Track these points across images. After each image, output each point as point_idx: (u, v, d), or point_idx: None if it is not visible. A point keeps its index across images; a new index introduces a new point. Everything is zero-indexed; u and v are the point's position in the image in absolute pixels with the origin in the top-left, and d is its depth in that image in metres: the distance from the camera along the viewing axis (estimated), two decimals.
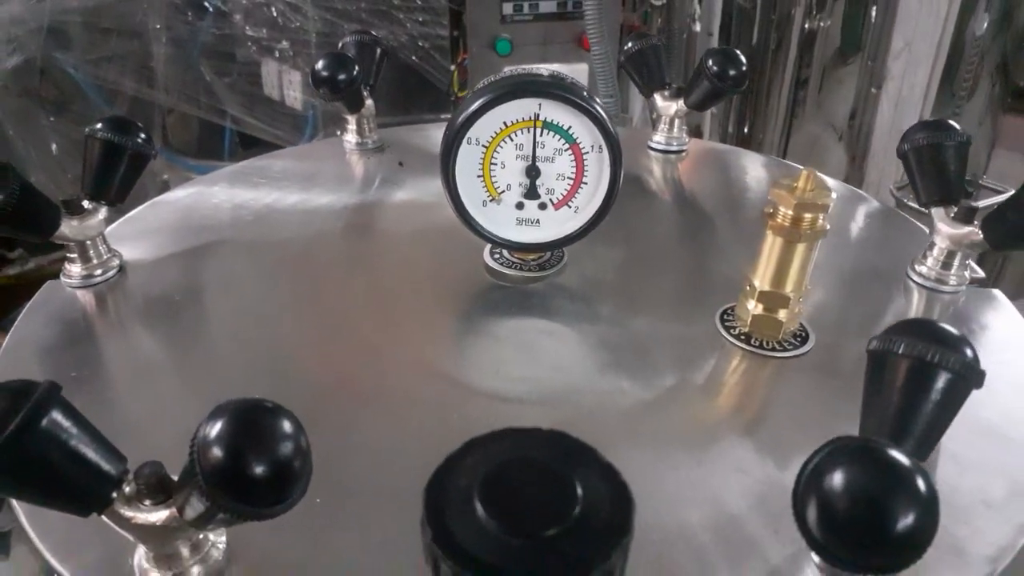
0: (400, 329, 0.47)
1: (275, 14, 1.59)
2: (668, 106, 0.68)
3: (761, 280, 0.42)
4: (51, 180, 1.73)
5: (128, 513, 0.29)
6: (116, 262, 0.51)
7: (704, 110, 0.69)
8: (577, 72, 1.29)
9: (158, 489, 0.29)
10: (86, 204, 0.50)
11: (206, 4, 1.56)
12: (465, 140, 0.45)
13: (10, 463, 0.26)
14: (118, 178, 0.50)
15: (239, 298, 0.50)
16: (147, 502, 0.29)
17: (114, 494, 0.28)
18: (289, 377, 0.43)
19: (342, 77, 0.62)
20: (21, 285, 2.32)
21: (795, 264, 0.41)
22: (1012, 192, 1.08)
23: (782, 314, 0.43)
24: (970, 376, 0.31)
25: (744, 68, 0.62)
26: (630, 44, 0.69)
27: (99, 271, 0.50)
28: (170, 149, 1.70)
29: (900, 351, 0.30)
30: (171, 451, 0.29)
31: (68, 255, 0.51)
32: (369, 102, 0.69)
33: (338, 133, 0.71)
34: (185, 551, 0.31)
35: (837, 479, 0.25)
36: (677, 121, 0.69)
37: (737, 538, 0.33)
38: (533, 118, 0.45)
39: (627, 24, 1.31)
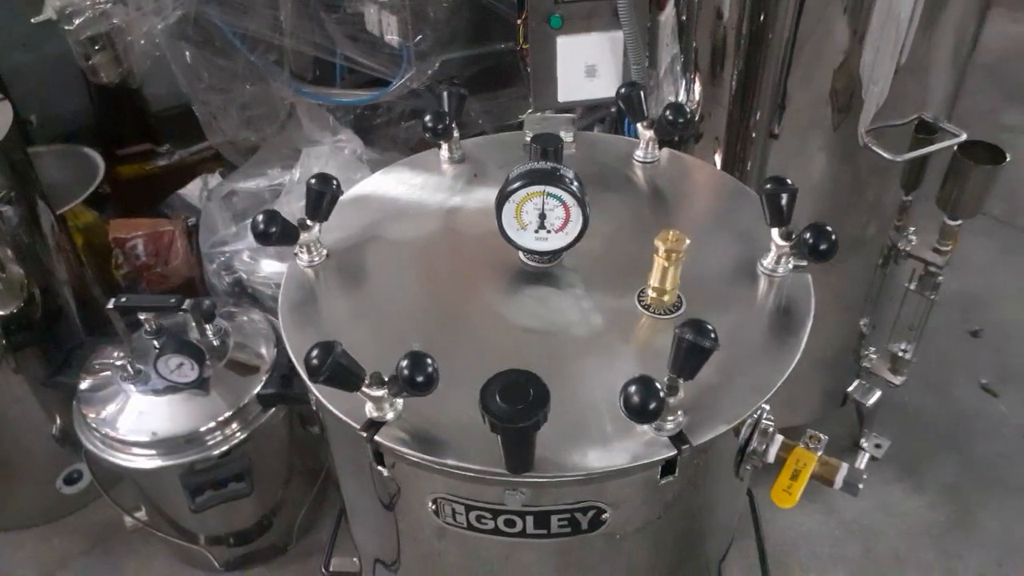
0: (476, 290, 0.90)
1: None
2: (645, 133, 1.06)
3: (654, 281, 0.83)
4: (199, 90, 2.16)
5: (367, 391, 0.74)
6: (325, 251, 0.95)
7: (666, 141, 1.07)
8: (614, 39, 1.63)
9: (379, 381, 0.74)
10: (308, 223, 0.93)
11: None
12: (507, 200, 0.86)
13: (334, 373, 0.71)
14: (323, 208, 0.93)
15: (390, 268, 0.94)
16: (374, 387, 0.74)
17: (364, 383, 0.73)
18: (417, 319, 0.87)
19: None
20: (169, 174, 2.84)
21: (669, 274, 0.82)
22: (964, 138, 1.44)
23: (665, 297, 0.84)
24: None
25: (688, 120, 1.00)
26: (623, 90, 1.06)
27: (316, 258, 0.94)
28: (294, 80, 2.11)
29: (681, 335, 0.72)
30: (372, 362, 0.73)
31: (298, 249, 0.94)
32: (456, 134, 1.08)
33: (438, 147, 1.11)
34: (387, 406, 0.76)
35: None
36: (651, 143, 1.07)
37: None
38: (544, 192, 0.85)
39: None
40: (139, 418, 1.71)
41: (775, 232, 0.89)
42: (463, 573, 1.01)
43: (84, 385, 1.78)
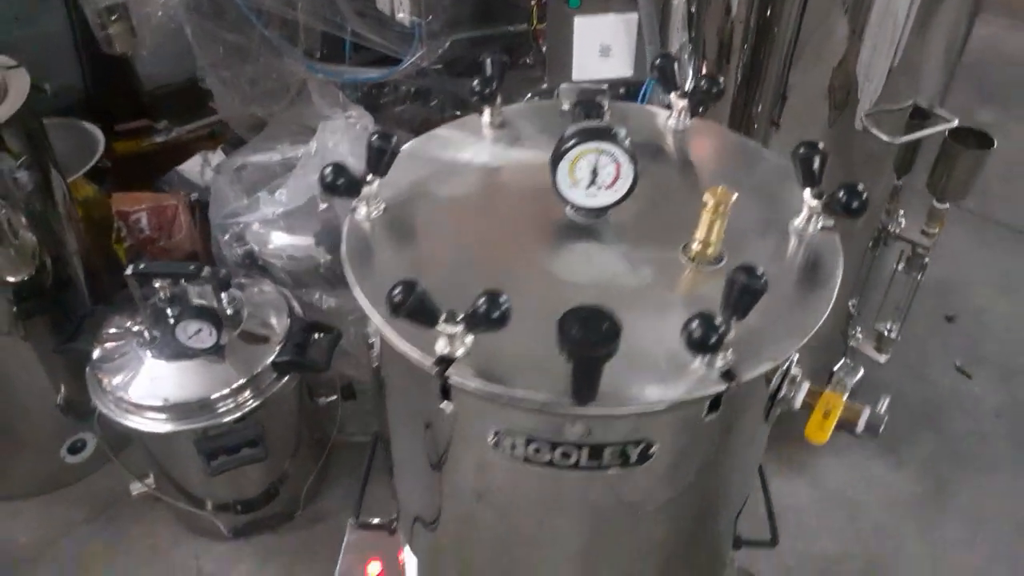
0: (526, 243, 0.96)
1: None
2: (678, 102, 1.13)
3: (700, 234, 0.90)
4: (211, 63, 2.19)
5: (442, 327, 0.79)
6: (383, 205, 1.00)
7: (697, 110, 1.13)
8: (629, 20, 1.70)
9: (454, 318, 0.79)
10: (369, 177, 0.98)
11: None
12: (564, 157, 0.92)
13: (415, 308, 0.76)
14: (384, 163, 0.98)
15: (442, 222, 0.99)
16: (450, 323, 0.79)
17: (441, 319, 0.79)
18: (471, 268, 0.92)
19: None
20: (165, 151, 2.86)
21: (715, 227, 0.89)
22: (955, 123, 1.54)
23: (709, 250, 0.90)
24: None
25: (722, 90, 1.06)
26: (658, 60, 1.12)
27: (374, 212, 0.99)
28: (306, 56, 2.15)
29: (734, 277, 0.78)
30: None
31: (358, 203, 0.99)
32: (499, 99, 1.13)
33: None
34: (459, 343, 0.81)
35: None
36: (684, 111, 1.13)
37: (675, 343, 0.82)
38: (596, 149, 0.91)
39: None
40: (154, 383, 1.74)
41: (807, 192, 0.96)
42: (499, 532, 1.09)
43: (98, 351, 1.80)
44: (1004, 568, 1.95)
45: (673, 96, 1.13)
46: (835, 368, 2.27)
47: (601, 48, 1.72)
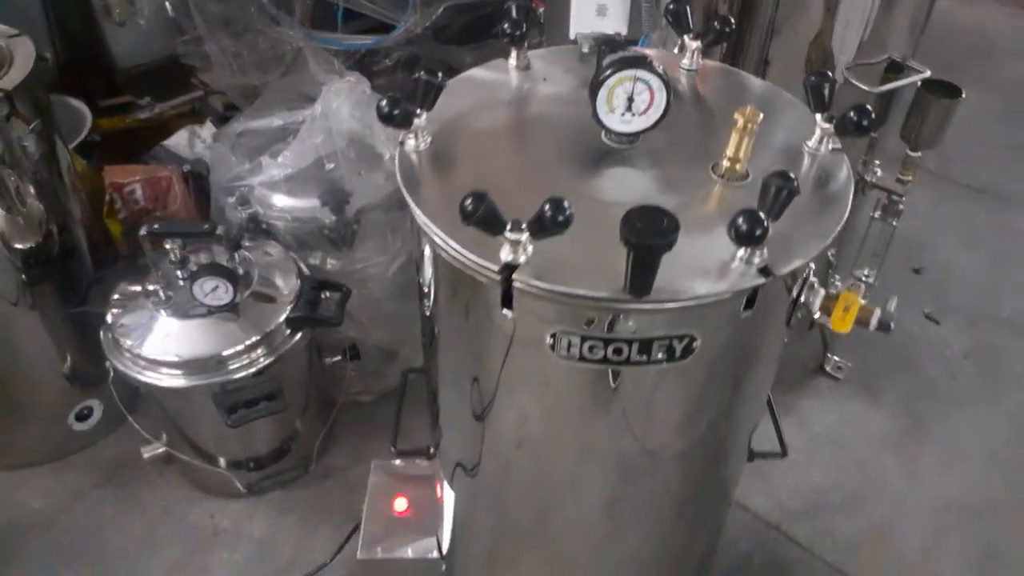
0: (566, 167, 1.04)
1: None
2: (691, 44, 1.21)
3: (730, 151, 0.99)
4: (208, 33, 2.22)
5: (508, 235, 0.87)
6: (429, 138, 1.07)
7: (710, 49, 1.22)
8: None
9: (518, 226, 0.87)
10: (418, 111, 1.05)
11: None
12: (602, 86, 1.00)
13: (485, 216, 0.84)
14: (431, 98, 1.04)
15: (484, 151, 1.07)
16: (515, 231, 0.87)
17: (506, 228, 0.86)
18: (519, 189, 1.00)
19: None
20: (149, 127, 2.87)
21: (744, 144, 0.98)
22: (928, 74, 1.67)
23: (738, 166, 0.99)
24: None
25: (735, 29, 1.15)
26: (671, 5, 1.21)
27: (422, 144, 1.06)
28: (301, 25, 2.19)
29: (769, 181, 0.87)
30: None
31: (407, 136, 1.06)
32: (526, 42, 1.21)
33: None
34: (521, 249, 0.89)
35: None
36: (696, 52, 1.22)
37: (718, 239, 0.91)
38: (633, 76, 0.99)
39: None
40: (171, 341, 1.79)
41: (819, 116, 1.06)
42: (535, 476, 1.21)
43: (112, 313, 1.84)
44: (977, 492, 2.10)
45: (686, 38, 1.22)
46: (815, 315, 2.41)
47: (598, 8, 1.80)
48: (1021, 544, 1.99)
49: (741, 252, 0.89)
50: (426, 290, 1.15)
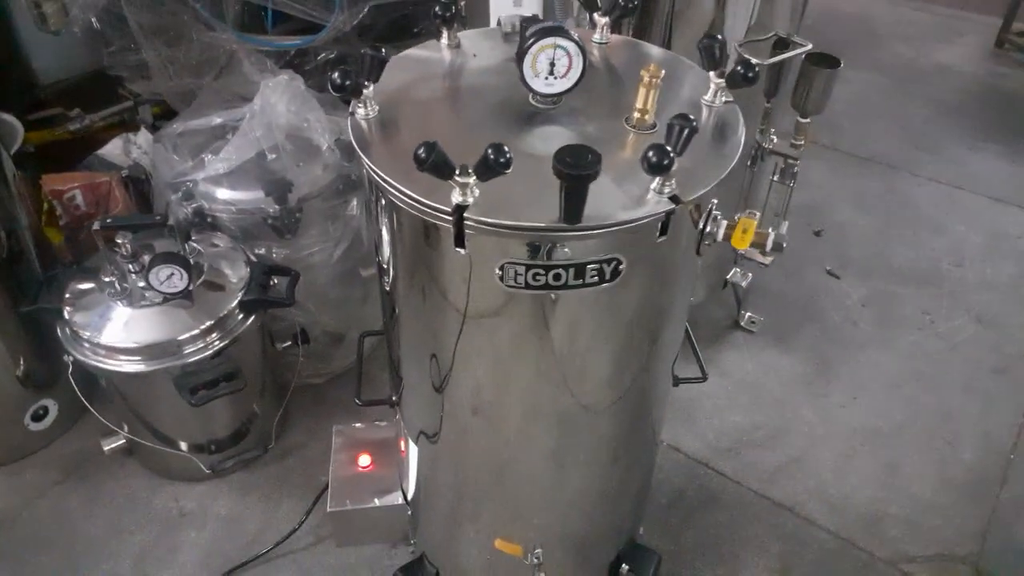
0: (500, 125, 1.19)
1: None
2: (600, 20, 1.39)
3: (639, 103, 1.16)
4: (148, 44, 2.30)
5: (458, 178, 1.02)
6: (376, 107, 1.21)
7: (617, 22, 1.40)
8: None
9: (465, 170, 1.02)
10: (365, 83, 1.19)
11: None
12: (527, 54, 1.16)
13: (436, 161, 0.99)
14: (376, 71, 1.19)
15: (426, 116, 1.21)
16: (463, 175, 1.02)
17: (455, 172, 1.01)
18: (460, 147, 1.15)
19: None
20: (78, 139, 2.91)
21: (650, 97, 1.15)
22: (810, 47, 1.91)
23: (647, 116, 1.17)
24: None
25: (636, 4, 1.33)
26: None
27: (370, 113, 1.20)
28: (234, 28, 2.29)
29: (673, 122, 1.04)
30: None
31: (357, 105, 1.20)
32: (456, 23, 1.36)
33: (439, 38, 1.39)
34: (469, 191, 1.04)
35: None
36: (605, 27, 1.40)
37: (635, 177, 1.08)
38: (553, 44, 1.15)
39: None
40: (129, 329, 1.87)
41: (712, 74, 1.24)
42: (490, 440, 1.38)
43: (69, 307, 1.91)
44: (880, 419, 2.34)
45: (596, 15, 1.39)
46: (727, 276, 2.62)
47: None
48: (918, 458, 2.23)
49: (654, 184, 1.06)
50: (385, 255, 1.29)
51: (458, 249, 1.09)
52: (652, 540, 1.95)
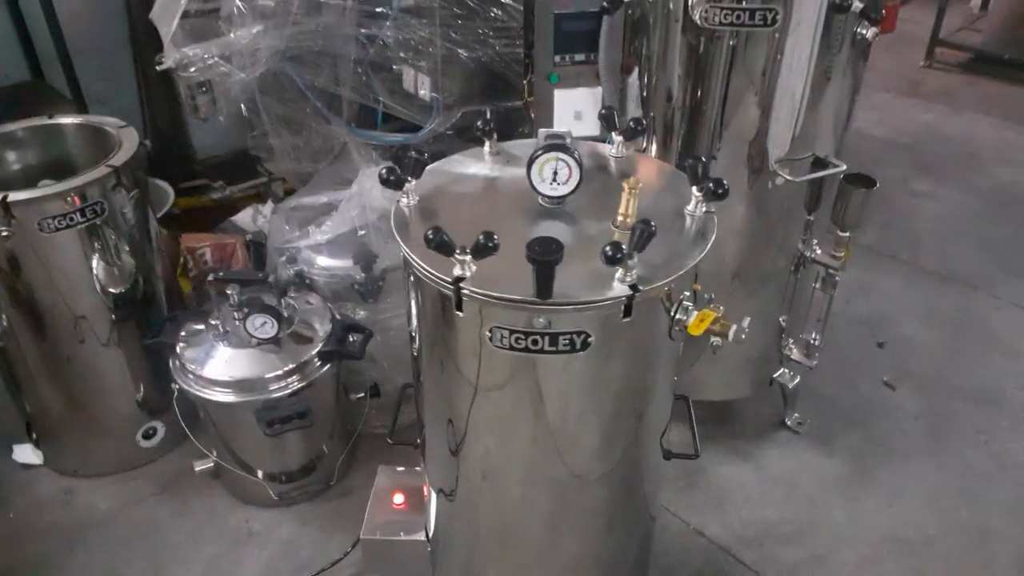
0: (512, 218, 1.47)
1: (414, 42, 2.57)
2: (617, 138, 1.66)
3: (621, 209, 1.41)
4: (272, 129, 2.75)
5: (457, 256, 1.29)
6: (417, 197, 1.51)
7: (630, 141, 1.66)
8: (596, 93, 2.26)
9: (463, 250, 1.29)
10: (409, 179, 1.49)
11: (376, 37, 2.55)
12: (533, 164, 1.44)
13: (441, 242, 1.27)
14: (418, 170, 1.49)
15: (455, 208, 1.51)
16: (461, 253, 1.29)
17: (456, 251, 1.29)
18: (475, 232, 1.42)
19: None
20: (219, 206, 3.41)
21: (631, 204, 1.40)
22: (844, 168, 2.08)
23: (628, 220, 1.41)
24: None
25: (645, 128, 1.59)
26: (603, 111, 1.65)
27: (411, 202, 1.50)
28: (347, 123, 2.72)
29: (635, 227, 1.28)
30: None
31: (401, 195, 1.50)
32: (495, 135, 1.66)
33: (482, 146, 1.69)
34: (467, 266, 1.30)
35: None
36: (621, 144, 1.66)
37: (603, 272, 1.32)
38: (555, 157, 1.43)
39: (625, 64, 2.26)
40: (225, 366, 2.23)
41: (694, 188, 1.47)
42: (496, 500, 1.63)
43: (182, 343, 2.30)
44: (912, 529, 2.37)
45: (614, 135, 1.66)
46: (775, 375, 2.75)
47: (575, 113, 2.29)
48: (947, 573, 2.25)
49: (618, 274, 1.30)
50: (413, 324, 1.57)
51: (457, 312, 1.36)
52: None
